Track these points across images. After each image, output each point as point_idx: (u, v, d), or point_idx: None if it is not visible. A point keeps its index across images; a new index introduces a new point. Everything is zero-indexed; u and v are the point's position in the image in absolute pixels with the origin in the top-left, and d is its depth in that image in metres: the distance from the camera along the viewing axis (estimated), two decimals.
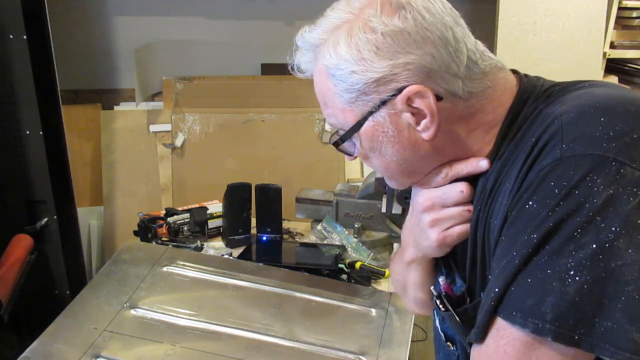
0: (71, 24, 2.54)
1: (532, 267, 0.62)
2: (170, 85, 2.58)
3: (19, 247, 1.76)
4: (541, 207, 0.62)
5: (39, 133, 1.89)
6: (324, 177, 2.62)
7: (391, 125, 0.74)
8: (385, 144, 0.76)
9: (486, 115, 0.76)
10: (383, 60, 0.71)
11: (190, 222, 1.75)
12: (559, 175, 0.62)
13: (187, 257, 1.38)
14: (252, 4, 2.63)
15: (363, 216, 1.69)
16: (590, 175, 0.60)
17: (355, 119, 0.75)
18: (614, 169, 0.60)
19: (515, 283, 0.63)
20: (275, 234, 1.68)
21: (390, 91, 0.72)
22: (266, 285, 1.29)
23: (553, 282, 0.60)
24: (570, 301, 0.59)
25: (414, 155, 0.77)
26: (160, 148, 2.58)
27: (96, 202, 2.62)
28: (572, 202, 0.60)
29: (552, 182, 0.62)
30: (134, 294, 1.21)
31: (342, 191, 1.73)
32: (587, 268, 0.59)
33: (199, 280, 1.30)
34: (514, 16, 2.21)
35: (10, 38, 1.79)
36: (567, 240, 0.60)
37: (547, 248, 0.61)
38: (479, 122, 0.76)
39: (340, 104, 0.76)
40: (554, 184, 0.62)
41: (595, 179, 0.60)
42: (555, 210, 0.61)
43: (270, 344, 1.11)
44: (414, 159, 0.77)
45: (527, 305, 0.61)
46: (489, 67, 0.77)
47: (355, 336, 1.15)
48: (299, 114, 2.63)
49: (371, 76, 0.72)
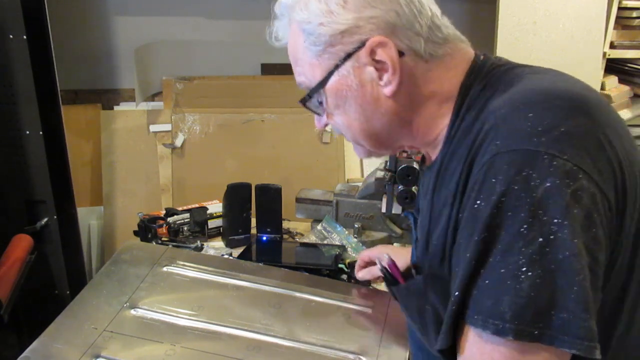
0: (71, 24, 2.54)
1: (487, 269, 0.63)
2: (170, 85, 2.58)
3: (19, 247, 1.76)
4: (487, 205, 0.64)
5: (39, 133, 1.89)
6: (324, 177, 2.62)
7: (355, 79, 0.77)
8: (349, 99, 0.79)
9: (443, 84, 0.78)
10: (349, 13, 0.75)
11: (190, 222, 1.76)
12: (497, 171, 0.63)
13: (187, 257, 1.38)
14: (252, 4, 2.63)
15: (363, 216, 1.69)
16: (526, 170, 0.61)
17: (322, 73, 0.78)
18: (547, 162, 0.61)
19: (475, 286, 0.64)
20: (275, 234, 1.68)
21: (354, 43, 0.75)
22: (266, 285, 1.29)
23: (507, 280, 0.61)
24: (525, 297, 0.60)
25: (375, 112, 0.79)
26: (160, 148, 2.58)
27: (96, 202, 2.62)
28: (514, 198, 0.62)
29: (493, 179, 0.64)
30: (134, 294, 1.21)
31: (342, 191, 1.73)
32: (537, 262, 0.60)
33: (199, 280, 1.30)
34: (514, 16, 2.21)
35: (10, 38, 1.79)
36: (515, 237, 0.61)
37: (498, 247, 0.62)
38: (435, 90, 0.78)
39: (308, 58, 0.79)
40: (495, 181, 0.63)
41: (531, 173, 0.61)
42: (498, 207, 0.62)
43: (270, 344, 1.11)
44: (375, 118, 0.80)
45: (486, 307, 0.62)
46: (451, 35, 0.80)
47: (355, 336, 1.15)
48: (299, 114, 2.63)
49: (337, 28, 0.75)
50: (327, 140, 2.63)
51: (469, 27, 2.77)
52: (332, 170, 2.64)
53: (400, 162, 1.44)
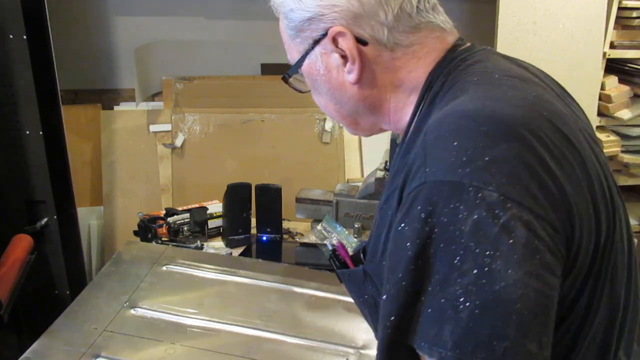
0: (71, 24, 2.54)
1: (428, 298, 0.62)
2: (170, 85, 2.58)
3: (19, 247, 1.76)
4: (414, 233, 0.62)
5: (39, 133, 1.89)
6: (324, 177, 2.62)
7: (322, 64, 0.80)
8: (320, 83, 0.82)
9: (409, 73, 0.78)
10: (314, 0, 0.76)
11: (190, 222, 1.76)
12: (425, 200, 0.62)
13: (187, 255, 1.39)
14: (252, 4, 2.63)
15: (363, 216, 1.69)
16: (454, 203, 0.60)
17: (297, 56, 0.82)
18: (472, 194, 0.59)
19: (419, 314, 0.62)
20: (275, 234, 1.69)
21: (320, 30, 0.77)
22: (266, 281, 1.29)
23: (448, 309, 0.60)
24: (464, 327, 0.59)
25: (343, 96, 0.81)
26: (160, 148, 2.58)
27: (96, 202, 2.62)
28: (443, 230, 0.60)
29: (420, 207, 0.62)
30: (134, 294, 1.21)
31: (342, 191, 1.73)
32: (474, 293, 0.59)
33: (198, 278, 1.30)
34: (514, 16, 2.21)
35: (10, 38, 1.79)
36: (450, 268, 0.60)
37: (435, 277, 0.61)
38: (402, 78, 0.78)
39: (287, 40, 0.83)
40: (421, 209, 0.62)
41: (458, 206, 0.60)
42: (430, 237, 0.61)
43: (271, 339, 1.11)
44: (344, 102, 0.82)
45: (431, 335, 0.61)
46: (424, 24, 0.77)
47: (356, 330, 1.15)
48: (299, 114, 2.63)
49: (304, 15, 0.77)
50: (327, 140, 2.63)
51: (469, 27, 2.76)
52: (332, 170, 2.64)
53: None
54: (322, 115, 2.62)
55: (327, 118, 2.61)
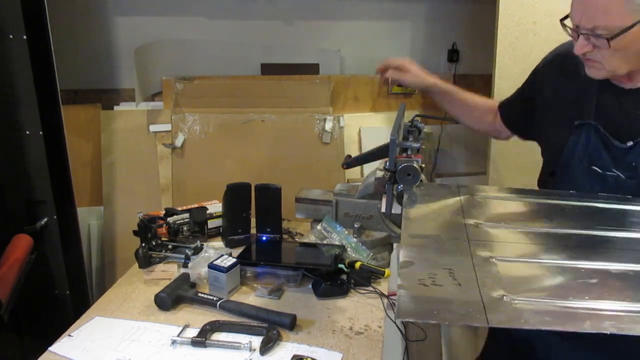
0: (71, 24, 2.55)
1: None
2: (170, 85, 2.58)
3: (19, 247, 1.76)
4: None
5: (39, 133, 1.89)
6: (324, 177, 2.62)
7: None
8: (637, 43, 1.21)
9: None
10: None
11: (190, 222, 1.75)
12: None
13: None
14: (252, 4, 2.63)
15: (363, 216, 1.68)
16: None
17: (630, 22, 1.15)
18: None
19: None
20: (274, 234, 1.68)
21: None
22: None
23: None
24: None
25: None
26: (160, 148, 2.58)
27: (96, 202, 2.62)
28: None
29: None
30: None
31: (341, 191, 1.73)
32: None
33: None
34: (514, 16, 2.21)
35: (10, 38, 1.79)
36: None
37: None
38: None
39: (617, 9, 1.16)
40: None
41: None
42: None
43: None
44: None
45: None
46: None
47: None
48: (299, 114, 2.63)
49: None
50: (327, 140, 2.63)
51: (469, 27, 2.77)
52: (332, 170, 2.64)
53: (400, 162, 1.43)
54: (322, 116, 2.63)
55: (327, 119, 2.61)
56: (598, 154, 1.36)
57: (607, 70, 1.28)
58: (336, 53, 2.72)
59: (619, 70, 1.27)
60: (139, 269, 1.57)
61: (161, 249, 1.62)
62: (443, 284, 0.93)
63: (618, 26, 1.17)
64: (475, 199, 1.37)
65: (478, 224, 1.20)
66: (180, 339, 1.22)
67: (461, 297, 0.90)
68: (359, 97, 2.77)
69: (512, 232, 1.18)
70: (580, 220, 1.23)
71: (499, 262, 1.02)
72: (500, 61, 2.24)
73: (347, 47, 2.75)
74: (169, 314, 1.35)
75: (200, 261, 1.50)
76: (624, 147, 1.32)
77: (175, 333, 1.24)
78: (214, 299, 1.36)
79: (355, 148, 2.74)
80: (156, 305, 1.37)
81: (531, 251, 1.11)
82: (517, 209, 1.34)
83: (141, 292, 1.46)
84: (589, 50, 1.26)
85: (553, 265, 1.03)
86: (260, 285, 1.46)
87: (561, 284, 0.97)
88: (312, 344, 1.22)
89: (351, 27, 2.73)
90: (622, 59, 1.24)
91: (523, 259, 1.05)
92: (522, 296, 0.91)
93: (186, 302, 1.38)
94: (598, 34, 1.21)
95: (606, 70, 1.28)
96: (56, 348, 1.20)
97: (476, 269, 0.99)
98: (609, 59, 1.25)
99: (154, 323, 1.30)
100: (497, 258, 1.03)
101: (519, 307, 0.88)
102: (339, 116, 2.65)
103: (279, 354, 1.19)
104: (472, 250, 1.07)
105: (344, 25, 2.72)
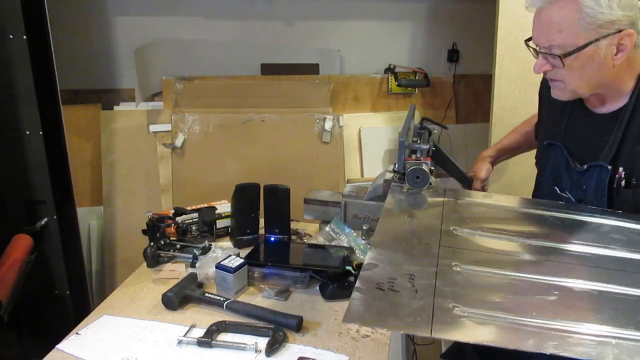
0: (71, 23, 2.54)
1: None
2: (170, 85, 2.58)
3: (19, 247, 1.76)
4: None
5: (39, 133, 1.89)
6: (324, 177, 2.62)
7: (603, 51, 1.20)
8: (592, 62, 1.22)
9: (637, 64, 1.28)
10: (620, 10, 1.16)
11: (199, 221, 1.74)
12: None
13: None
14: (252, 4, 2.63)
15: (371, 218, 1.67)
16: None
17: (583, 41, 1.19)
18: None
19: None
20: (283, 234, 1.67)
21: (614, 29, 1.18)
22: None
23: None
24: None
25: (602, 73, 1.25)
26: (160, 148, 2.58)
27: (96, 202, 2.62)
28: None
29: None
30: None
31: (350, 193, 1.72)
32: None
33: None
34: (514, 16, 2.21)
35: (10, 38, 1.79)
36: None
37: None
38: (634, 67, 1.28)
39: (571, 28, 1.19)
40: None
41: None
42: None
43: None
44: (600, 76, 1.26)
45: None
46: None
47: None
48: (299, 114, 2.63)
49: (610, 18, 1.16)
50: (327, 140, 2.63)
51: (469, 27, 2.77)
52: (332, 170, 2.64)
53: (408, 164, 1.42)
54: (322, 115, 2.63)
55: (326, 118, 2.61)
56: (560, 175, 1.41)
57: (570, 90, 1.29)
58: (336, 53, 2.72)
59: (580, 91, 1.29)
60: (147, 268, 1.57)
61: (169, 249, 1.62)
62: (400, 290, 0.92)
63: (572, 44, 1.20)
64: (458, 204, 1.35)
65: (454, 229, 1.18)
66: (187, 339, 1.22)
67: (412, 305, 0.88)
68: (358, 97, 2.77)
69: (487, 240, 1.15)
70: (560, 233, 1.20)
71: (463, 271, 1.00)
72: (500, 61, 2.24)
73: (347, 47, 2.75)
74: (176, 313, 1.35)
75: (208, 261, 1.49)
76: (580, 170, 1.35)
77: (182, 333, 1.24)
78: (221, 299, 1.36)
79: (355, 148, 2.74)
80: (163, 304, 1.36)
81: (499, 262, 1.07)
82: (498, 216, 1.32)
83: (149, 291, 1.46)
84: (548, 69, 1.29)
85: (517, 279, 1.00)
86: (268, 286, 1.45)
87: (518, 298, 0.94)
88: (318, 346, 1.22)
89: (351, 27, 2.73)
90: (581, 79, 1.26)
91: (487, 270, 1.02)
92: (473, 309, 0.88)
93: (193, 302, 1.38)
94: (553, 53, 1.23)
95: (569, 91, 1.30)
96: (63, 346, 1.20)
97: (438, 276, 0.97)
98: (569, 79, 1.27)
99: (161, 322, 1.30)
100: (462, 267, 1.01)
101: (465, 319, 0.86)
102: (339, 115, 2.65)
103: (285, 355, 1.18)
104: (439, 256, 1.05)
105: (344, 25, 2.72)
